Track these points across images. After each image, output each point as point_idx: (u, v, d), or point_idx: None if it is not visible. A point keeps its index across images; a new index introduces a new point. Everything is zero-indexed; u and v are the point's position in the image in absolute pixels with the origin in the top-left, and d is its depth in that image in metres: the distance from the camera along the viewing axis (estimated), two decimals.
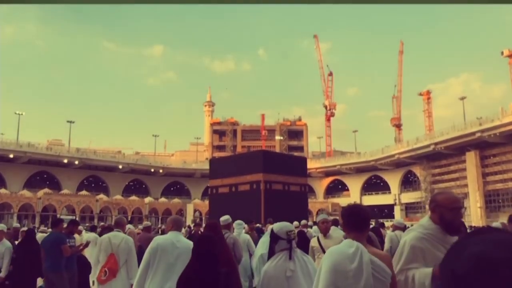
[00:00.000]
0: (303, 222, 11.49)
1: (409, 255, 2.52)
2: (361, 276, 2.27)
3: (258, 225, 14.84)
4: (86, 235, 10.13)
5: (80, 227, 10.33)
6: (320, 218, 5.51)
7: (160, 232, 14.70)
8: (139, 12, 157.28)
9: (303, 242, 8.09)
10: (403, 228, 7.66)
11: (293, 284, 3.09)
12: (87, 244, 7.09)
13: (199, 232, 10.24)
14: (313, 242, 5.30)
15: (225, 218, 6.26)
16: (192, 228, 16.88)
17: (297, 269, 3.13)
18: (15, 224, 17.12)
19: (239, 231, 7.69)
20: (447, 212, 2.52)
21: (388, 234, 7.21)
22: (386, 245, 7.18)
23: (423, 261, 2.47)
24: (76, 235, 8.04)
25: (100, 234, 8.16)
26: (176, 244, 4.15)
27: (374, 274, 2.31)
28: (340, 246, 2.45)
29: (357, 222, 2.51)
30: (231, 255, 4.37)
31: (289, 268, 3.12)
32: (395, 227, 7.54)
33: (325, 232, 5.29)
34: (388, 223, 23.38)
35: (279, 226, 3.39)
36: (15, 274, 7.33)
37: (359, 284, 2.26)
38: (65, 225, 6.89)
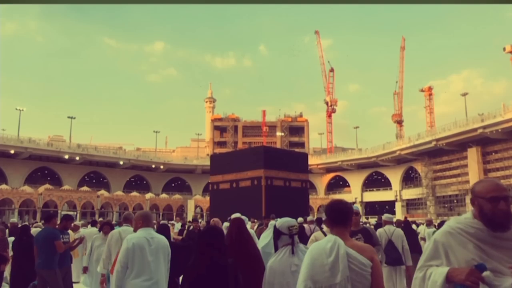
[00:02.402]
0: (310, 218, 11.36)
1: (431, 251, 2.21)
2: (337, 269, 2.35)
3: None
4: (87, 231, 10.02)
5: (77, 223, 10.20)
6: None
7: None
8: (140, 8, 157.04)
9: (302, 237, 8.04)
10: (393, 223, 7.68)
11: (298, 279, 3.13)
12: (81, 240, 6.97)
13: (198, 228, 10.18)
14: (319, 235, 4.73)
15: (236, 216, 6.28)
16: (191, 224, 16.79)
17: (301, 263, 3.11)
18: (12, 219, 17.08)
19: None
20: (485, 203, 2.08)
21: (379, 230, 7.10)
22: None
23: (445, 259, 2.14)
24: (70, 232, 7.92)
25: (100, 230, 8.08)
26: (151, 241, 4.08)
27: (350, 266, 2.37)
28: (320, 242, 2.56)
29: (337, 217, 2.59)
30: (243, 247, 4.26)
31: (294, 263, 3.17)
32: (385, 222, 7.48)
33: None
34: None
35: (281, 222, 3.45)
36: (13, 270, 7.25)
37: (336, 277, 2.35)
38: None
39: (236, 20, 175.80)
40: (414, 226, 12.99)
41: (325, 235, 4.67)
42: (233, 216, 6.20)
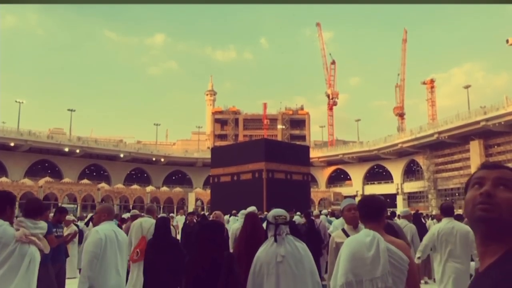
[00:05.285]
0: (315, 212, 11.07)
1: None
2: (378, 263, 2.39)
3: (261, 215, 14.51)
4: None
5: (70, 217, 9.83)
6: (345, 203, 4.12)
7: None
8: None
9: (312, 231, 7.82)
10: (408, 217, 7.54)
11: (283, 270, 3.12)
12: (75, 234, 6.73)
13: (193, 221, 10.00)
14: (339, 237, 3.80)
15: (251, 209, 6.17)
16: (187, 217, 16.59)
17: (288, 254, 3.17)
18: None
19: (242, 221, 7.57)
20: None
21: (388, 222, 6.91)
22: None
23: None
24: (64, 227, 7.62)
25: (87, 224, 7.83)
26: (117, 235, 4.13)
27: (391, 261, 2.42)
28: (357, 236, 2.59)
29: (370, 212, 2.63)
30: (255, 242, 4.20)
31: (280, 254, 3.15)
32: (400, 216, 7.34)
33: (353, 223, 3.92)
34: None
35: (270, 212, 3.45)
36: None
37: (377, 270, 2.38)
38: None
39: (236, 13, 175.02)
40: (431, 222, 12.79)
41: (347, 235, 4.43)
42: (248, 209, 6.08)
